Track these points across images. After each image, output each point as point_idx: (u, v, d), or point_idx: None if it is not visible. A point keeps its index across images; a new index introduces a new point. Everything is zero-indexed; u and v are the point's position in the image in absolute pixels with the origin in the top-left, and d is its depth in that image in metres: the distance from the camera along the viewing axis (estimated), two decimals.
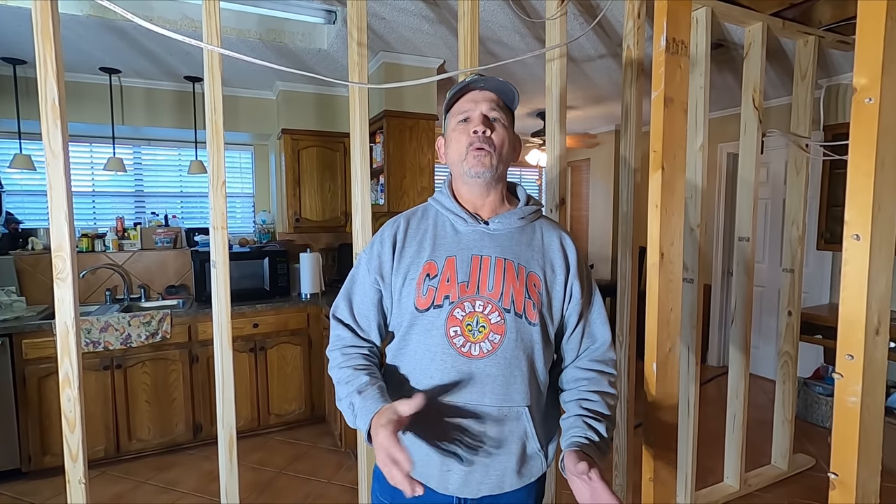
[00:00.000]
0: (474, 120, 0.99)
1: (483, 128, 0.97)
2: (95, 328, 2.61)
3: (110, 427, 2.69)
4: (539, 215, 1.07)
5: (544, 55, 1.80)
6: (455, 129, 1.01)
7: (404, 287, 1.00)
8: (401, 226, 1.06)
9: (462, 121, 1.00)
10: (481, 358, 0.94)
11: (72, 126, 3.07)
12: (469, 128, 0.98)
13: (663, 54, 1.09)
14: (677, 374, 1.18)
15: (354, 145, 1.53)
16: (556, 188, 1.79)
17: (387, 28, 2.31)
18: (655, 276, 1.16)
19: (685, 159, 1.18)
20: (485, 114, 0.99)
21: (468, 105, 1.00)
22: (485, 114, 0.99)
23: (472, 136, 0.98)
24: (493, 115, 0.99)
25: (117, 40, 2.43)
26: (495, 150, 0.98)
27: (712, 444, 2.74)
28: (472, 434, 0.94)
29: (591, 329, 1.05)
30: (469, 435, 0.94)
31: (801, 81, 2.39)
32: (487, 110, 0.99)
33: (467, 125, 0.99)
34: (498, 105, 1.00)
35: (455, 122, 1.02)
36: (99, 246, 3.12)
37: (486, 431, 0.94)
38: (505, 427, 0.95)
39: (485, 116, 0.98)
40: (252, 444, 2.96)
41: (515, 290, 0.96)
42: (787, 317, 2.47)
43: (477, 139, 0.97)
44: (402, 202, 2.80)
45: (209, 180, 1.36)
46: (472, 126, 0.98)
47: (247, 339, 2.97)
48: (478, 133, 0.97)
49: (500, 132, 0.99)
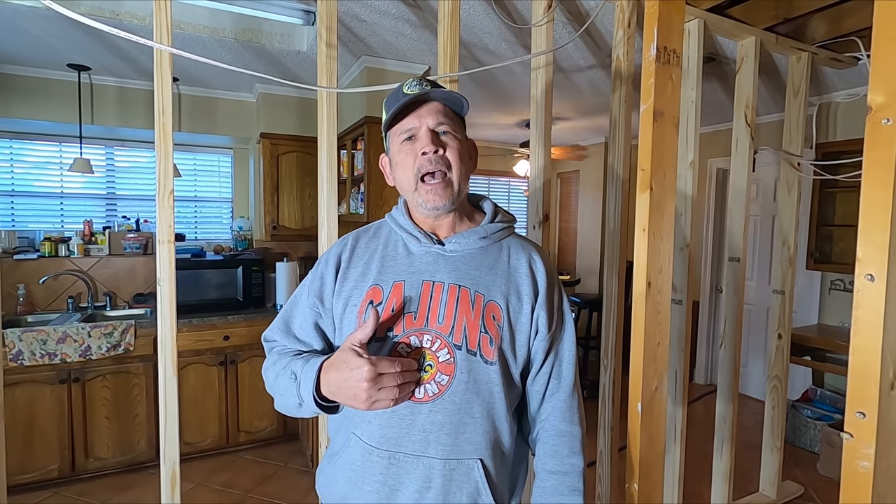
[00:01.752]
0: (421, 138, 0.85)
1: (433, 147, 0.83)
2: (52, 339, 2.45)
3: (66, 444, 2.52)
4: (508, 233, 0.94)
5: (530, 63, 1.71)
6: (400, 151, 0.87)
7: (345, 315, 0.87)
8: (348, 244, 0.93)
9: (407, 139, 0.87)
10: (426, 402, 0.81)
11: (39, 125, 2.95)
12: (416, 147, 0.85)
13: (653, 64, 0.99)
14: (664, 416, 1.07)
15: (321, 153, 1.42)
16: (540, 202, 1.69)
17: (368, 31, 2.21)
18: (642, 306, 1.05)
19: (675, 179, 1.09)
20: (432, 129, 0.85)
21: (412, 121, 0.86)
22: (432, 129, 0.85)
23: (421, 158, 0.84)
24: (443, 128, 0.86)
25: (83, 35, 2.30)
26: (451, 169, 0.85)
27: (698, 467, 2.65)
28: (416, 489, 0.81)
29: (560, 367, 0.91)
30: (413, 489, 0.81)
31: (793, 98, 2.33)
32: (435, 124, 0.85)
33: (413, 144, 0.86)
34: (446, 116, 0.87)
35: (399, 141, 0.88)
36: (63, 251, 2.96)
37: (430, 486, 0.82)
38: (452, 483, 0.82)
39: (433, 133, 0.85)
40: (219, 462, 2.81)
41: (469, 322, 0.83)
42: (778, 339, 2.39)
43: (428, 162, 0.84)
44: (382, 212, 2.68)
45: (156, 189, 1.24)
46: (419, 145, 0.85)
47: (217, 353, 2.83)
48: (427, 154, 0.84)
49: (455, 145, 0.86)
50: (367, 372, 0.74)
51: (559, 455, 0.89)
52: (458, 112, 0.91)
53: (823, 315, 3.38)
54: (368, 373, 0.74)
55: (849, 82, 2.86)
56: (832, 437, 2.74)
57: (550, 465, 0.90)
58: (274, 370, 0.89)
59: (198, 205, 3.56)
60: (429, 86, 0.87)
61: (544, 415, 0.91)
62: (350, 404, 0.78)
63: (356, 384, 0.75)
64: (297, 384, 0.82)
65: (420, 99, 0.86)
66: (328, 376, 0.79)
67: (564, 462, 0.89)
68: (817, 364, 3.11)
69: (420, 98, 0.86)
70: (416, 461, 0.81)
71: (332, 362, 0.80)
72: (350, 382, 0.76)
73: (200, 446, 2.82)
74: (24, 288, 2.83)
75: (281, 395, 0.87)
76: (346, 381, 0.76)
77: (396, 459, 0.82)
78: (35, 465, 2.47)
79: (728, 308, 2.19)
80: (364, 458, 0.83)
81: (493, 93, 3.21)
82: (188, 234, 3.48)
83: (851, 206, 3.13)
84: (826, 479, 2.72)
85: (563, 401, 0.90)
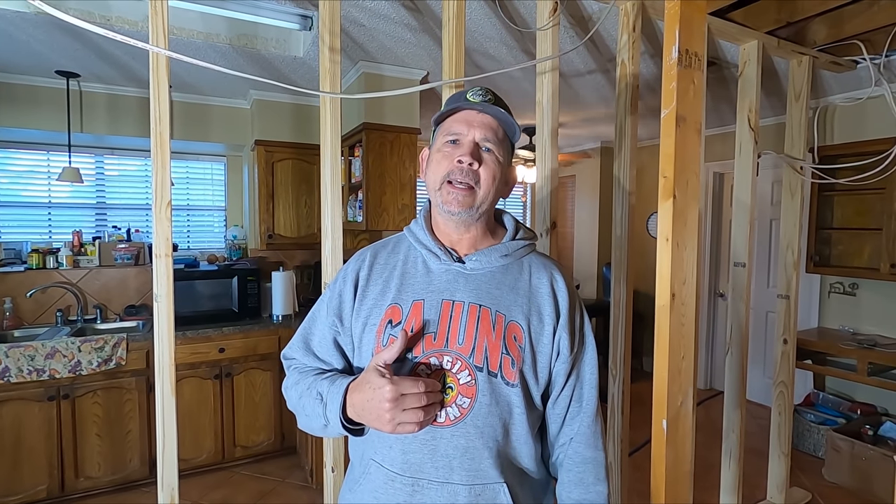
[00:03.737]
0: (463, 146, 0.83)
1: (470, 159, 0.81)
2: (40, 354, 2.37)
3: (55, 464, 2.43)
4: (530, 250, 0.91)
5: (534, 68, 1.68)
6: (440, 150, 0.85)
7: (364, 334, 0.84)
8: (366, 260, 0.89)
9: (450, 142, 0.84)
10: (447, 426, 0.78)
11: (27, 133, 2.87)
12: (455, 153, 0.82)
13: (675, 67, 0.96)
14: (690, 433, 1.04)
15: (325, 161, 1.37)
16: (547, 210, 1.65)
17: (366, 36, 2.17)
18: (665, 319, 1.01)
19: (699, 186, 1.05)
20: (477, 142, 0.83)
21: (461, 127, 0.84)
22: (477, 142, 0.83)
23: (455, 164, 0.82)
24: (487, 145, 0.83)
25: (73, 41, 2.24)
26: (480, 185, 0.82)
27: (703, 476, 2.61)
28: None
29: (581, 390, 0.87)
30: None
31: (794, 102, 2.32)
32: (481, 139, 0.83)
33: (454, 149, 0.83)
34: (496, 135, 0.84)
35: (442, 140, 0.85)
36: (51, 262, 2.87)
37: None
38: None
39: (476, 145, 0.82)
40: (215, 479, 2.72)
41: (490, 343, 0.79)
42: (783, 345, 2.37)
43: (459, 171, 0.81)
44: (381, 220, 2.64)
45: (152, 200, 1.18)
46: (458, 152, 0.82)
47: (212, 365, 2.75)
48: (462, 164, 0.81)
49: (491, 167, 0.83)
50: (389, 392, 0.71)
51: (584, 483, 0.86)
52: (510, 137, 0.88)
53: (823, 318, 3.37)
54: (390, 392, 0.71)
55: (846, 86, 2.87)
56: (837, 442, 2.72)
57: (576, 495, 0.86)
58: (297, 390, 0.86)
59: (190, 214, 3.49)
60: (492, 99, 0.85)
61: (564, 439, 0.88)
62: (374, 426, 0.75)
63: (379, 405, 0.72)
64: (324, 405, 0.79)
65: (476, 107, 0.84)
66: (353, 397, 0.76)
67: (590, 490, 0.86)
68: (819, 368, 3.10)
69: (476, 107, 0.84)
70: (441, 488, 0.77)
71: (357, 383, 0.77)
72: (373, 403, 0.73)
73: (196, 462, 2.73)
74: (10, 301, 2.74)
75: (306, 416, 0.84)
76: (369, 402, 0.73)
77: (420, 486, 0.78)
78: (22, 486, 2.38)
79: (734, 314, 2.16)
80: (387, 486, 0.79)
81: None
82: (181, 243, 3.41)
83: (850, 210, 3.14)
84: (832, 485, 2.70)
85: (586, 425, 0.87)
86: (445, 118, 0.87)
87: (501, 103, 0.86)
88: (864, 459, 2.59)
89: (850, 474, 2.65)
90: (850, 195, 3.09)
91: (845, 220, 3.17)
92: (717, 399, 3.93)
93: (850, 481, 2.66)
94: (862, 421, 2.85)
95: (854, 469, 2.64)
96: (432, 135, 0.91)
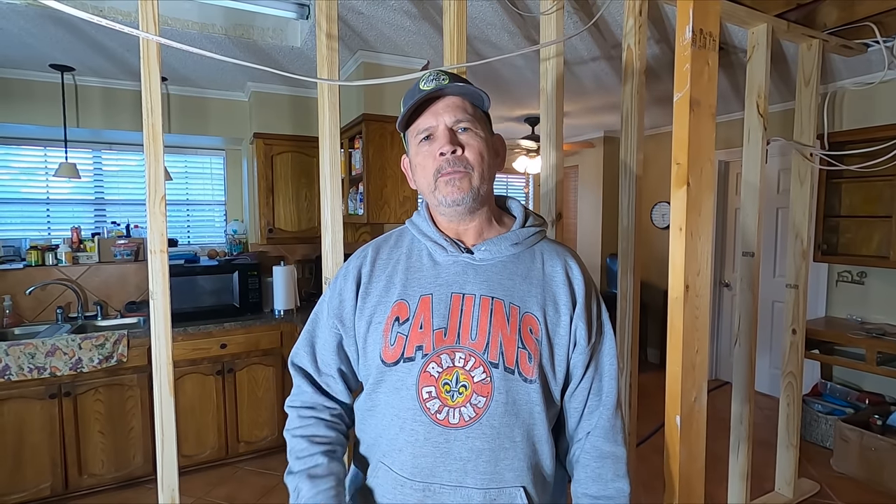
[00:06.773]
0: (439, 138, 0.78)
1: (451, 147, 0.77)
2: (41, 352, 2.35)
3: (58, 461, 2.42)
4: (541, 237, 0.86)
5: (538, 55, 1.63)
6: (418, 153, 0.80)
7: (369, 334, 0.80)
8: (368, 256, 0.85)
9: (424, 139, 0.79)
10: (461, 427, 0.74)
11: (23, 128, 2.82)
12: (434, 148, 0.78)
13: (689, 48, 0.91)
14: (704, 429, 1.00)
15: (324, 152, 1.33)
16: (553, 200, 1.61)
17: (365, 24, 2.12)
18: (679, 312, 0.97)
19: (713, 174, 1.01)
20: (450, 127, 0.78)
21: (429, 119, 0.79)
22: (450, 127, 0.78)
23: (440, 159, 0.77)
24: (462, 125, 0.78)
25: (66, 34, 2.19)
26: (473, 168, 0.78)
27: (710, 468, 2.57)
28: None
29: (601, 382, 0.84)
30: None
31: (804, 87, 2.26)
32: (453, 122, 0.78)
33: (431, 145, 0.79)
34: (466, 112, 0.79)
35: (416, 142, 0.81)
36: (50, 259, 2.84)
37: None
38: None
39: (451, 131, 0.78)
40: (219, 475, 2.71)
41: (505, 337, 0.75)
42: (792, 335, 2.33)
43: (446, 162, 0.77)
44: (382, 212, 2.60)
45: (146, 195, 1.14)
46: (437, 146, 0.77)
47: (214, 361, 2.73)
48: (445, 155, 0.77)
49: (475, 145, 0.79)
50: None
51: (603, 479, 0.82)
52: (480, 106, 0.83)
53: (831, 307, 3.33)
54: None
55: (854, 70, 2.80)
56: (845, 433, 2.69)
57: (593, 490, 0.82)
58: (291, 453, 0.82)
59: (190, 208, 3.45)
60: (447, 79, 0.79)
61: (582, 434, 0.84)
62: None
63: None
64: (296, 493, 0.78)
65: (437, 95, 0.78)
66: None
67: (609, 486, 0.82)
68: (826, 357, 3.07)
69: (437, 94, 0.78)
70: (454, 492, 0.74)
71: None
72: None
73: (199, 459, 2.72)
74: (10, 299, 2.72)
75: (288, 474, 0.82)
76: None
77: (432, 491, 0.74)
78: (25, 484, 2.37)
79: (743, 304, 2.13)
80: (396, 491, 0.76)
81: (493, 86, 3.12)
82: (181, 238, 3.38)
83: (858, 197, 3.08)
84: (841, 476, 2.68)
85: (606, 419, 0.83)
86: (410, 119, 0.82)
87: (458, 78, 0.81)
88: (873, 450, 2.56)
89: (859, 465, 2.62)
90: (858, 182, 3.04)
91: (853, 207, 3.11)
92: (723, 390, 3.90)
93: (858, 472, 2.63)
94: (871, 411, 2.82)
95: (863, 459, 2.61)
96: (404, 141, 0.86)
